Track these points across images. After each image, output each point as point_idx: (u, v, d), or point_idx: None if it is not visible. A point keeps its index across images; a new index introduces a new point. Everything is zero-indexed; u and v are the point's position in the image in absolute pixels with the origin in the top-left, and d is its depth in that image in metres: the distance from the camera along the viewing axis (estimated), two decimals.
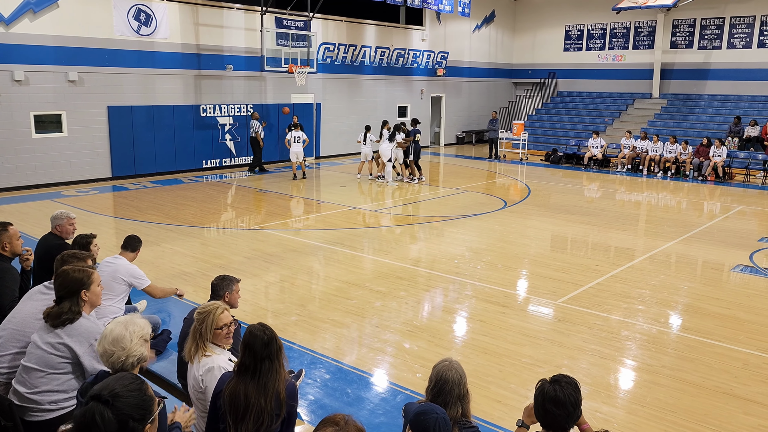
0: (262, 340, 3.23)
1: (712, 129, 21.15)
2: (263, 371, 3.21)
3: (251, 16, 18.68)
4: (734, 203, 15.01)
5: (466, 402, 3.25)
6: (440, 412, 2.81)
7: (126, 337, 3.02)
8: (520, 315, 7.43)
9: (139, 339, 3.08)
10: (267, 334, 3.27)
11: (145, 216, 12.28)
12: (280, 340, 3.34)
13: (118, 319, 3.18)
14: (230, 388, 3.23)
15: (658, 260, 9.78)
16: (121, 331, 3.03)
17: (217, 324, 3.71)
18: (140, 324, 3.13)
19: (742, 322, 7.20)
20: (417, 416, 2.78)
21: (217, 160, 18.46)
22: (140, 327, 3.11)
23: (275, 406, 3.19)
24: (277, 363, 3.25)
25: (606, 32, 26.22)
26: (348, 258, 9.72)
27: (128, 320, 3.12)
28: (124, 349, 3.01)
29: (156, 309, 6.99)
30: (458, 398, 3.18)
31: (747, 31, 22.72)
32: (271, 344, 3.25)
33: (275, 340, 3.28)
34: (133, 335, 3.05)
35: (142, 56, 16.41)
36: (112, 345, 3.01)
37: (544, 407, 2.89)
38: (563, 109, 26.47)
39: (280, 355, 3.27)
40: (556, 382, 2.93)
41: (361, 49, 22.46)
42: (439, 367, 3.28)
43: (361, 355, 6.21)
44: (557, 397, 2.86)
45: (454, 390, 3.18)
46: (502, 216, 13.01)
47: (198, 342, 3.70)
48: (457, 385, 3.19)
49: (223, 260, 9.32)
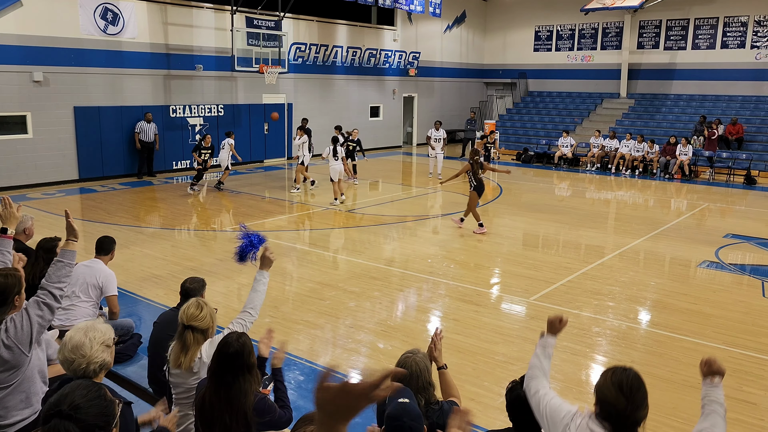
0: (227, 351, 3.13)
1: (678, 128, 21.59)
2: (227, 385, 3.09)
3: (221, 15, 18.50)
4: (700, 200, 15.34)
5: (430, 392, 3.23)
6: (409, 419, 2.76)
7: (86, 344, 2.90)
8: (493, 313, 7.49)
9: (100, 345, 2.95)
10: (236, 347, 3.14)
11: (114, 218, 12.07)
12: (253, 356, 3.24)
13: (79, 325, 3.05)
14: (201, 396, 3.17)
15: (627, 257, 9.95)
16: (80, 338, 2.91)
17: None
18: (101, 329, 3.00)
19: (708, 316, 7.36)
20: (388, 420, 2.76)
21: (188, 161, 18.23)
22: (101, 332, 2.98)
23: (242, 424, 3.07)
24: (243, 379, 3.11)
25: (575, 33, 26.58)
26: (321, 259, 9.69)
27: (88, 326, 3.00)
28: (84, 356, 2.89)
29: (126, 313, 6.87)
30: (418, 390, 3.16)
31: (711, 32, 23.25)
32: (239, 358, 3.12)
33: (244, 354, 3.15)
34: (93, 341, 2.92)
35: (109, 56, 16.13)
36: (72, 353, 2.89)
37: (519, 410, 2.91)
38: (534, 109, 26.76)
39: (249, 371, 3.15)
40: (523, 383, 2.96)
41: (333, 49, 22.41)
42: (401, 359, 3.28)
43: (336, 355, 6.20)
44: (521, 398, 2.90)
45: (412, 382, 3.17)
46: None
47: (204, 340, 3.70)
48: (416, 378, 3.18)
49: (195, 262, 9.21)
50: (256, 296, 3.84)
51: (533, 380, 2.92)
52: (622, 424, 2.51)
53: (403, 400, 2.87)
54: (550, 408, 2.75)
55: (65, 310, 5.45)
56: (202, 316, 3.70)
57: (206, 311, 3.72)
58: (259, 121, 19.93)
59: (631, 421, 2.51)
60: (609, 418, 2.53)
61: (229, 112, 19.03)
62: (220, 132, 18.67)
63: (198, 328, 3.68)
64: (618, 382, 2.53)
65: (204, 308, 3.73)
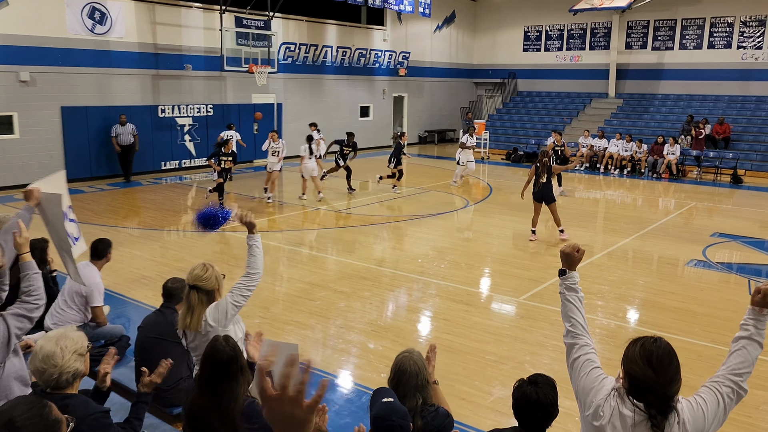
0: (221, 359, 3.08)
1: (666, 128, 21.75)
2: (218, 392, 3.05)
3: (210, 15, 18.43)
4: (687, 200, 15.46)
5: (427, 392, 3.22)
6: (397, 417, 2.75)
7: (57, 354, 2.82)
8: (483, 313, 7.51)
9: (73, 354, 2.87)
10: (228, 353, 3.10)
11: (102, 219, 11.99)
12: (243, 358, 3.20)
13: (50, 334, 2.96)
14: (190, 401, 3.13)
15: (615, 256, 10.01)
16: (51, 348, 2.83)
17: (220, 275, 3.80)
18: (73, 338, 2.91)
19: (696, 314, 7.42)
20: (376, 421, 2.75)
21: (177, 161, 18.14)
22: (73, 341, 2.89)
23: (230, 429, 3.02)
24: (235, 384, 3.07)
25: (563, 33, 26.70)
26: (311, 259, 9.68)
27: (60, 335, 2.90)
28: (56, 366, 2.81)
29: (115, 314, 6.83)
30: (416, 389, 3.16)
31: (698, 33, 23.44)
32: (231, 365, 3.08)
33: (237, 360, 3.11)
34: (65, 351, 2.84)
35: (97, 55, 16.02)
36: (43, 363, 2.81)
37: (526, 409, 2.89)
38: (523, 109, 26.85)
39: (240, 378, 3.10)
40: (534, 383, 2.93)
41: (323, 48, 22.38)
42: (398, 359, 3.28)
43: (326, 356, 6.19)
44: (539, 399, 2.87)
45: (411, 381, 3.17)
46: (465, 215, 13.13)
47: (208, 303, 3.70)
48: (415, 376, 3.18)
49: (184, 263, 9.16)
50: (253, 259, 3.81)
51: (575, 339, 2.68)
52: (653, 400, 2.28)
53: (387, 399, 2.86)
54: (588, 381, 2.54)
55: (58, 313, 5.41)
56: (207, 276, 3.71)
57: (212, 273, 3.74)
58: (249, 122, 19.85)
59: (663, 396, 2.28)
60: (639, 394, 2.31)
61: (219, 112, 18.95)
62: (210, 132, 18.62)
63: (202, 288, 3.69)
64: (647, 356, 2.30)
65: (210, 270, 3.75)
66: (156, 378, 3.39)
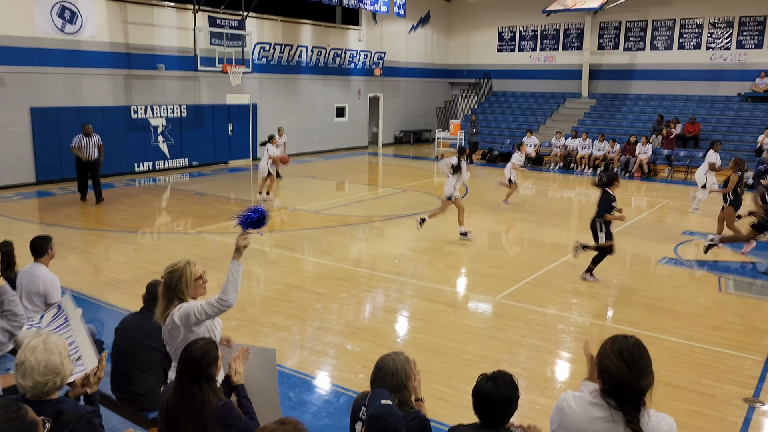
0: (187, 358, 3.05)
1: (638, 127, 22.09)
2: (186, 392, 3.02)
3: (183, 14, 18.22)
4: (659, 198, 15.73)
5: (404, 395, 3.21)
6: (393, 420, 2.76)
7: (58, 362, 2.80)
8: (460, 312, 7.55)
9: (67, 357, 2.89)
10: (196, 354, 3.06)
11: (74, 222, 11.79)
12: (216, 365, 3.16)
13: (32, 344, 2.86)
14: (164, 400, 3.12)
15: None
16: (51, 358, 2.79)
17: (196, 274, 3.67)
18: (60, 343, 2.90)
19: (668, 311, 7.55)
20: (372, 420, 2.76)
21: (150, 162, 17.91)
22: (63, 346, 2.88)
23: (200, 430, 3.01)
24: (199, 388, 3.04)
25: (537, 34, 26.97)
26: (288, 260, 9.63)
27: (47, 344, 2.83)
28: (59, 374, 2.81)
29: (88, 318, 6.71)
30: (394, 388, 3.15)
31: (668, 34, 23.86)
32: (195, 365, 3.05)
33: (202, 364, 3.07)
34: (63, 357, 2.83)
35: (67, 55, 15.74)
36: (45, 375, 2.77)
37: (484, 404, 2.94)
38: (498, 109, 27.06)
39: (207, 382, 3.07)
40: (493, 379, 2.98)
41: (298, 48, 22.29)
42: (381, 357, 3.30)
43: (303, 358, 6.17)
44: (488, 393, 2.92)
45: (387, 379, 3.17)
46: (442, 215, 13.16)
47: (176, 299, 3.60)
48: (391, 375, 3.18)
49: (159, 266, 9.03)
50: (227, 285, 3.70)
51: None
52: (626, 394, 2.36)
53: (386, 402, 2.88)
54: None
55: (29, 318, 5.29)
56: (174, 269, 3.62)
57: (179, 267, 3.63)
58: (223, 122, 19.70)
59: (636, 390, 2.36)
60: (613, 391, 2.39)
61: (193, 113, 18.76)
62: (183, 133, 18.44)
63: (165, 281, 3.63)
64: (618, 350, 2.41)
65: (180, 265, 3.65)
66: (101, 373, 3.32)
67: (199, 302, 3.63)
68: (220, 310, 3.63)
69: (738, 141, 20.55)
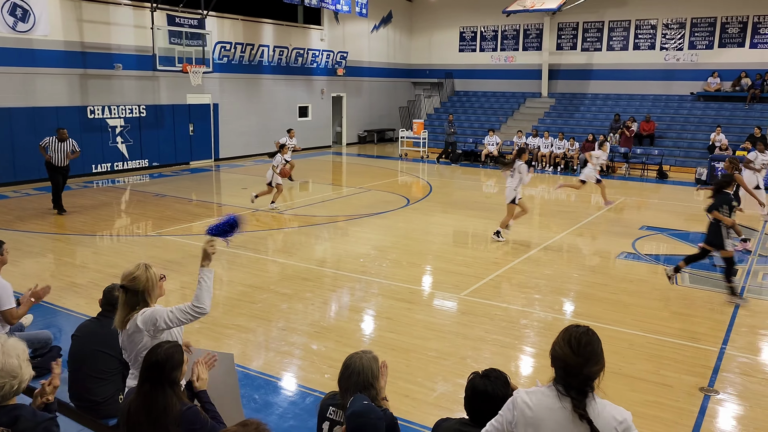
0: (150, 361, 3.00)
1: (596, 126, 22.56)
2: (149, 395, 2.99)
3: (140, 12, 17.87)
4: (617, 195, 16.09)
5: (372, 393, 3.21)
6: (374, 417, 2.77)
7: (15, 365, 2.76)
8: (425, 310, 7.59)
9: (26, 361, 2.84)
10: (160, 356, 3.01)
11: (28, 226, 11.45)
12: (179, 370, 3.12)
13: None
14: (129, 403, 3.07)
15: (551, 251, 10.32)
16: (9, 361, 2.76)
17: (157, 275, 3.61)
18: (18, 346, 2.84)
19: (627, 305, 7.74)
20: (353, 417, 2.75)
21: (109, 164, 17.50)
22: (21, 349, 2.84)
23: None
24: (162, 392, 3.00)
25: (498, 34, 27.30)
26: (252, 261, 9.54)
27: (5, 347, 2.80)
28: (16, 377, 2.76)
29: (44, 324, 6.54)
30: (357, 386, 3.16)
31: (624, 35, 24.44)
32: (158, 369, 3.00)
33: (166, 367, 3.04)
34: (21, 360, 2.79)
35: (19, 54, 15.27)
36: (2, 378, 2.73)
37: (476, 402, 2.94)
38: (460, 108, 27.29)
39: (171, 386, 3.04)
40: (486, 377, 2.99)
41: (259, 48, 22.08)
42: (348, 356, 3.30)
43: (269, 359, 6.12)
44: (485, 391, 2.92)
45: (353, 377, 3.17)
46: (406, 213, 13.24)
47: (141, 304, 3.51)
48: (357, 374, 3.18)
49: (118, 269, 8.83)
50: (200, 292, 3.64)
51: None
52: (573, 379, 2.40)
53: (366, 402, 2.90)
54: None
55: None
56: (137, 275, 3.52)
57: (143, 273, 3.53)
58: (184, 122, 19.39)
59: (583, 376, 2.40)
60: (562, 377, 2.44)
61: (152, 113, 18.42)
62: (143, 134, 18.09)
63: (129, 288, 3.51)
64: (567, 337, 2.47)
65: (142, 269, 3.55)
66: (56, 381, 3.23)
67: (167, 308, 3.55)
68: (195, 317, 3.58)
69: (691, 139, 21.19)
